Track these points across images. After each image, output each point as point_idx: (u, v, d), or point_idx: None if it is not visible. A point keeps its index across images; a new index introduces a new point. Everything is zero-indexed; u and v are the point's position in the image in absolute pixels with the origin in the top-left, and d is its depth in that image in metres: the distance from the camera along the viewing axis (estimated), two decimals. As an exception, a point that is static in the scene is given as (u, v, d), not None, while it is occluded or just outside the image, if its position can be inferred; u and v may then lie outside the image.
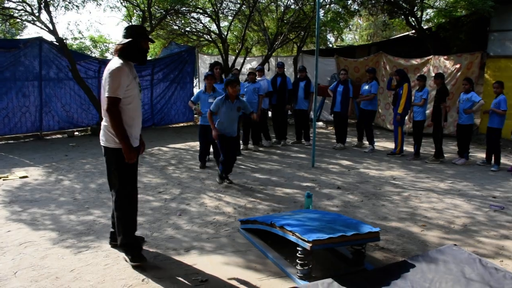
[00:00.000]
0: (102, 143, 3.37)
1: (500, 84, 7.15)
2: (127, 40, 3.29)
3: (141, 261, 3.35)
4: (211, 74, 6.77)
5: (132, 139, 3.32)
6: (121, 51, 3.29)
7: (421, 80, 7.89)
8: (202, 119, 6.73)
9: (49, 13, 10.00)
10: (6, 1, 10.53)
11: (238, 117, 5.98)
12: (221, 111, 5.77)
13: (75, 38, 19.08)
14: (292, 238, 3.19)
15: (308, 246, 2.99)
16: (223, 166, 5.89)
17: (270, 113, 9.94)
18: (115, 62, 3.25)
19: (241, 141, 6.25)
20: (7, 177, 6.27)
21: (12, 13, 10.70)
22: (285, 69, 9.57)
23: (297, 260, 3.11)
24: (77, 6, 11.39)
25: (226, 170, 5.95)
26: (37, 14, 10.31)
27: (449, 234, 4.15)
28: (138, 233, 4.05)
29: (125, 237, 3.41)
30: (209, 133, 6.20)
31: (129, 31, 3.33)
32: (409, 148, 8.68)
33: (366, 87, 8.79)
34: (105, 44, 23.78)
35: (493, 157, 7.24)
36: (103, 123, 3.32)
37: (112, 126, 3.22)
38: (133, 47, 3.29)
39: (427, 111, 9.15)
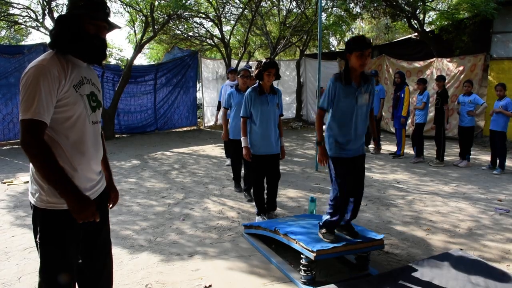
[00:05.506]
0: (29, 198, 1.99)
1: (503, 86, 7.06)
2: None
3: None
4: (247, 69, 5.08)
5: (81, 182, 1.92)
6: (52, 37, 1.87)
7: (421, 83, 7.91)
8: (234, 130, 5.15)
9: (53, 19, 10.06)
10: (11, 8, 10.63)
11: (277, 118, 4.47)
12: (253, 110, 4.35)
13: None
14: (296, 246, 3.19)
15: (312, 256, 2.98)
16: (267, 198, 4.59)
17: None
18: (39, 57, 1.83)
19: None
20: (12, 182, 6.29)
21: (16, 20, 10.81)
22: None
23: (301, 267, 3.10)
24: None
25: (270, 205, 4.62)
26: (41, 20, 10.42)
27: (454, 238, 4.12)
28: (141, 237, 4.07)
29: None
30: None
31: (68, 5, 1.92)
32: (411, 151, 8.65)
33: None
34: (108, 49, 23.84)
35: (497, 160, 7.18)
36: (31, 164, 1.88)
37: (36, 168, 1.80)
38: (67, 29, 1.84)
39: (430, 114, 9.14)
